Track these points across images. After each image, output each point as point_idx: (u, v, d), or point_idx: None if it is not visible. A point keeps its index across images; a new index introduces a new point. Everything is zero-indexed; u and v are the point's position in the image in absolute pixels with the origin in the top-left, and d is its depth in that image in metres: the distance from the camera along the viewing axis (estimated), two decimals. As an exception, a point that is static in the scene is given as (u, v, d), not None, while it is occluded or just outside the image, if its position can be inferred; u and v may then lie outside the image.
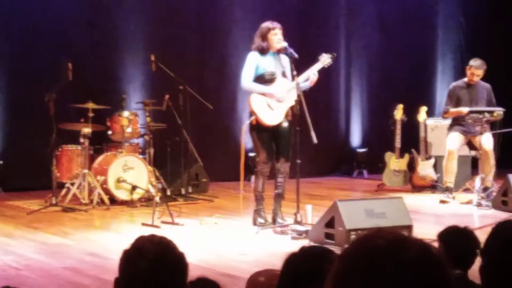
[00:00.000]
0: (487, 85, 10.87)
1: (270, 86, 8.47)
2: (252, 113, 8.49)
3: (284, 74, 8.56)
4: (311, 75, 8.44)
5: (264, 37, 8.49)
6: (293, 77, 8.42)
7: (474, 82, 10.73)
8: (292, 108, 8.47)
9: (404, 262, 1.51)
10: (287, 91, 8.46)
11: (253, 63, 8.49)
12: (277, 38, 8.48)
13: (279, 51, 8.58)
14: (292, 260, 2.75)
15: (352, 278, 1.53)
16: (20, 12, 11.81)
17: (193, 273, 2.81)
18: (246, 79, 8.48)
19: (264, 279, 2.83)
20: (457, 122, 10.77)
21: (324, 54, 8.61)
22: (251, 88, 8.48)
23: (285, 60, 8.63)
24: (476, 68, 10.67)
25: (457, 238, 3.98)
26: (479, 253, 2.69)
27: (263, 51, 8.51)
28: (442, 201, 10.51)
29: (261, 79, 8.48)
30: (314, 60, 8.58)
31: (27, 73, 11.81)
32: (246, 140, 13.02)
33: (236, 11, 13.32)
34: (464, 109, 10.48)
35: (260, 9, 13.12)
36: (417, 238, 1.59)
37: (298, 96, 8.33)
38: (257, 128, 8.48)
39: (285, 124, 8.53)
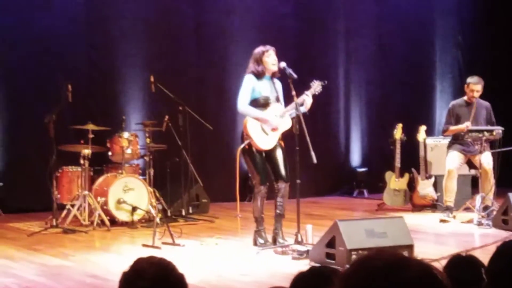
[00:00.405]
0: (487, 104, 10.89)
1: (265, 112, 8.50)
2: (246, 137, 8.49)
3: (277, 99, 8.60)
4: (306, 99, 8.44)
5: (259, 60, 8.51)
6: (291, 98, 8.44)
7: (474, 100, 10.74)
8: (291, 127, 8.49)
9: (404, 282, 1.52)
10: (280, 118, 8.51)
11: (249, 86, 8.51)
12: (272, 60, 8.52)
13: (273, 75, 8.61)
14: (301, 279, 2.76)
15: None
16: (18, 35, 11.83)
17: (193, 294, 2.80)
18: (243, 102, 8.50)
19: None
20: (457, 141, 10.78)
21: (315, 81, 8.62)
22: (247, 112, 8.50)
23: (278, 85, 8.68)
24: (474, 84, 10.69)
25: (463, 267, 3.97)
26: (483, 272, 2.70)
27: (258, 75, 8.54)
28: (443, 220, 10.49)
29: (255, 102, 8.50)
30: (309, 83, 8.59)
31: (27, 95, 11.83)
32: (242, 162, 13.08)
33: (236, 31, 13.35)
34: (464, 125, 10.49)
35: (259, 29, 13.15)
36: (417, 259, 1.59)
37: (297, 116, 8.34)
38: (250, 151, 8.50)
39: (278, 148, 8.58)
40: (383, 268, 1.56)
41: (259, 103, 8.51)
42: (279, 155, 8.58)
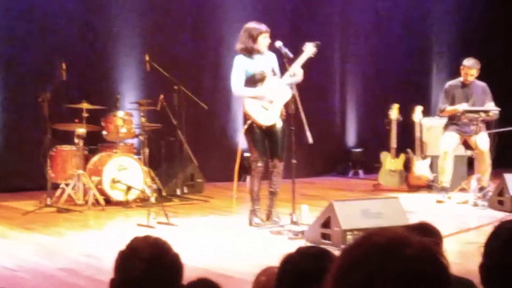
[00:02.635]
0: (483, 84, 10.86)
1: (260, 88, 8.46)
2: (247, 117, 8.47)
3: (273, 72, 8.55)
4: (296, 71, 8.39)
5: (255, 39, 8.46)
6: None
7: (469, 82, 10.72)
8: (287, 107, 8.46)
9: (405, 259, 1.53)
10: (278, 90, 8.44)
11: (240, 67, 8.48)
12: (266, 42, 8.49)
13: (262, 53, 8.57)
14: (289, 261, 2.75)
15: (354, 275, 1.55)
16: (14, 12, 11.76)
17: (188, 274, 2.79)
18: (236, 85, 8.49)
19: (266, 278, 2.82)
20: (453, 121, 10.76)
21: (307, 43, 8.56)
22: (242, 93, 8.50)
23: (272, 57, 8.63)
24: (469, 67, 10.65)
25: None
26: (480, 252, 2.68)
27: (249, 53, 8.49)
28: (438, 201, 10.50)
29: (253, 79, 8.48)
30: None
31: (21, 73, 11.77)
32: (241, 141, 13.06)
33: (231, 8, 13.28)
34: (460, 107, 10.48)
35: (254, 8, 13.09)
36: (418, 237, 1.58)
37: (293, 96, 8.32)
38: (251, 129, 8.49)
39: (279, 124, 8.54)
40: (384, 244, 1.56)
41: (256, 79, 8.47)
42: (280, 131, 8.56)
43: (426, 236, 3.56)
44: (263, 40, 8.47)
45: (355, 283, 1.53)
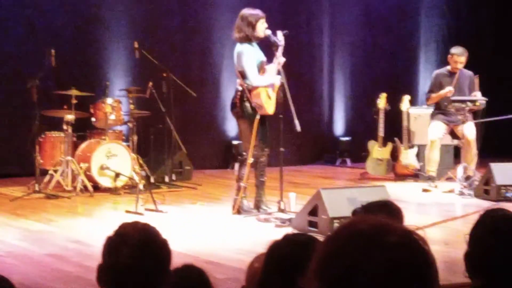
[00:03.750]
0: (470, 73, 10.91)
1: (271, 75, 8.44)
2: (257, 106, 8.33)
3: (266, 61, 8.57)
4: (280, 60, 8.41)
5: (254, 26, 8.42)
6: (277, 65, 8.44)
7: (457, 70, 10.76)
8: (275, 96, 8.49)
9: (388, 245, 1.55)
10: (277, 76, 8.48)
11: (253, 57, 8.39)
12: (263, 28, 8.45)
13: (259, 39, 8.58)
14: (276, 248, 2.77)
15: (338, 262, 1.57)
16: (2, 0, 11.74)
17: (176, 260, 2.82)
18: (255, 75, 8.37)
19: (259, 265, 2.85)
20: (440, 110, 10.81)
21: (278, 32, 8.52)
22: (262, 83, 8.36)
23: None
24: (458, 55, 10.69)
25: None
26: (465, 240, 2.72)
27: (249, 40, 8.47)
28: (425, 190, 10.55)
29: (258, 68, 8.45)
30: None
31: (10, 59, 11.74)
32: (229, 128, 13.09)
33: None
34: (446, 89, 10.52)
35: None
36: (399, 224, 1.62)
37: (282, 83, 8.34)
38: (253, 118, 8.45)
39: None
40: (367, 231, 1.58)
41: (258, 69, 8.45)
42: (267, 120, 8.57)
43: (388, 214, 3.61)
44: (262, 26, 8.43)
45: (339, 270, 1.55)
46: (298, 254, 2.65)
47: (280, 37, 8.46)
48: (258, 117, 8.33)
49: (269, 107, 8.44)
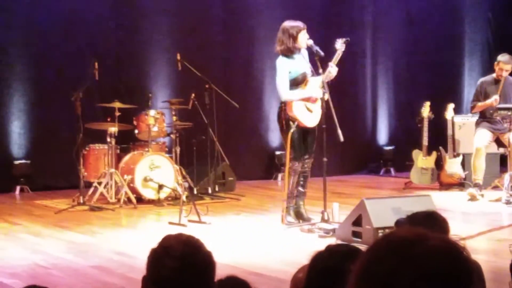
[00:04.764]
0: (516, 80, 10.79)
1: (306, 89, 8.46)
2: (292, 119, 8.39)
3: (312, 71, 8.55)
4: (331, 70, 8.41)
5: (295, 37, 8.44)
6: (319, 75, 8.42)
7: (503, 78, 10.65)
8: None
9: (427, 251, 1.56)
10: (320, 89, 8.45)
11: (286, 70, 8.43)
12: (305, 39, 8.48)
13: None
14: (318, 258, 2.74)
15: (377, 269, 1.58)
16: (46, 12, 11.87)
17: (220, 272, 2.80)
18: (285, 90, 8.42)
19: (303, 275, 2.83)
20: (485, 119, 10.70)
21: (338, 40, 8.57)
22: (291, 97, 8.41)
23: (306, 55, 8.64)
24: (504, 63, 10.58)
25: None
26: (510, 250, 2.68)
27: (291, 52, 8.47)
28: (471, 195, 10.37)
29: (295, 81, 8.47)
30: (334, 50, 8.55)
31: (54, 73, 11.87)
32: (272, 139, 13.08)
33: (261, 8, 13.29)
34: (492, 99, 10.41)
35: (284, 7, 13.07)
36: (439, 234, 1.64)
37: (324, 94, 8.34)
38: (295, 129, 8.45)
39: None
40: (406, 238, 1.60)
41: (298, 81, 8.47)
42: (313, 131, 8.57)
43: (433, 225, 3.57)
44: (303, 37, 8.48)
45: (379, 277, 1.56)
46: (340, 265, 2.62)
47: (339, 45, 8.49)
48: (292, 130, 8.34)
49: (307, 120, 8.44)
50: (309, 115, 8.47)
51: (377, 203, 7.59)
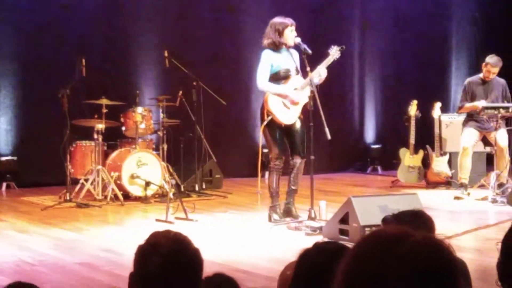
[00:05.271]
0: (502, 81, 10.82)
1: (285, 86, 8.48)
2: (268, 113, 8.47)
3: (297, 70, 8.57)
4: (321, 72, 8.44)
5: (281, 33, 8.49)
6: (306, 73, 8.43)
7: (490, 79, 10.68)
8: (306, 104, 8.48)
9: (413, 246, 1.58)
10: (301, 90, 8.48)
11: (268, 62, 8.50)
12: (293, 35, 8.51)
13: (289, 46, 8.61)
14: (306, 256, 2.74)
15: (365, 264, 1.59)
16: (34, 9, 11.83)
17: (208, 269, 2.80)
18: (262, 79, 8.51)
19: (290, 272, 2.83)
20: (472, 118, 10.72)
21: (333, 47, 8.62)
22: (267, 89, 8.50)
23: (295, 55, 8.65)
24: (492, 65, 10.59)
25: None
26: (497, 248, 2.68)
27: (277, 47, 8.51)
28: (457, 198, 10.46)
29: (276, 76, 8.50)
30: (325, 54, 8.58)
31: (41, 69, 11.84)
32: (259, 136, 13.07)
33: (250, 4, 13.29)
34: (479, 103, 10.44)
35: (273, 4, 13.08)
36: (423, 232, 1.66)
37: (312, 92, 8.33)
38: (270, 126, 8.50)
39: (298, 123, 8.57)
40: (394, 233, 1.62)
41: (280, 76, 8.51)
42: (298, 130, 8.59)
43: (419, 223, 3.60)
44: (290, 33, 8.51)
45: (365, 274, 1.58)
46: (328, 263, 2.62)
47: (333, 52, 8.52)
48: (264, 122, 8.42)
49: (283, 116, 8.47)
50: (285, 112, 8.49)
51: (364, 201, 7.61)
